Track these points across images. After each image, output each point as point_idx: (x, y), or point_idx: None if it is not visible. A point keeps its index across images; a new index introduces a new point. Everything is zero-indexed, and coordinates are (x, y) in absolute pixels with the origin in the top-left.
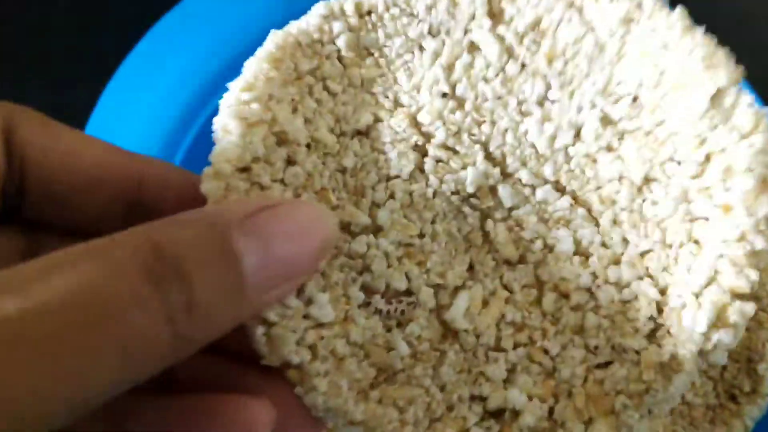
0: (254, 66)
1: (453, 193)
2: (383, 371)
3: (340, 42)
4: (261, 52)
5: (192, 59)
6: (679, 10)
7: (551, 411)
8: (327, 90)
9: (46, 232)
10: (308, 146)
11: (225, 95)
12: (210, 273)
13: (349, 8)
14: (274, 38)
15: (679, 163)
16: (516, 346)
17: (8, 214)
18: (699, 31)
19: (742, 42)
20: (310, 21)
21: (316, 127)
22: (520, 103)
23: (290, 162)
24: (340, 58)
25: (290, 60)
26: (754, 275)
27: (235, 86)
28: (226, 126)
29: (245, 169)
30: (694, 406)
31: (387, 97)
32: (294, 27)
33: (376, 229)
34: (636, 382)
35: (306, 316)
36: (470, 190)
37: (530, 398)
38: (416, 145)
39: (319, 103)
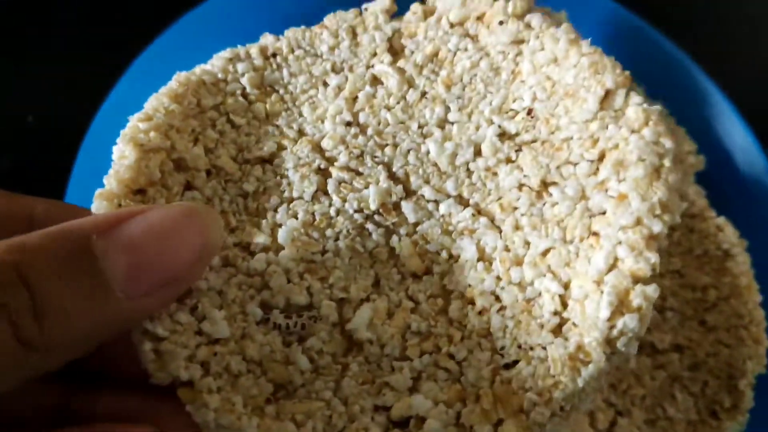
0: (154, 101)
1: (356, 211)
2: (282, 387)
3: (244, 80)
4: (163, 89)
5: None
6: (565, 25)
7: (458, 416)
8: (231, 123)
9: None
10: (208, 173)
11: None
12: (60, 279)
13: (254, 51)
14: (178, 78)
15: (575, 165)
16: (422, 354)
17: None
18: (585, 43)
19: None
20: (214, 63)
21: (217, 156)
22: (421, 126)
23: (189, 187)
24: (244, 95)
25: (192, 95)
26: (653, 257)
27: (134, 118)
28: (122, 152)
29: (140, 192)
30: (675, 422)
31: (291, 128)
32: (198, 68)
33: (278, 248)
34: (544, 378)
35: (199, 332)
36: (373, 207)
37: (436, 404)
38: (319, 169)
39: (221, 134)
